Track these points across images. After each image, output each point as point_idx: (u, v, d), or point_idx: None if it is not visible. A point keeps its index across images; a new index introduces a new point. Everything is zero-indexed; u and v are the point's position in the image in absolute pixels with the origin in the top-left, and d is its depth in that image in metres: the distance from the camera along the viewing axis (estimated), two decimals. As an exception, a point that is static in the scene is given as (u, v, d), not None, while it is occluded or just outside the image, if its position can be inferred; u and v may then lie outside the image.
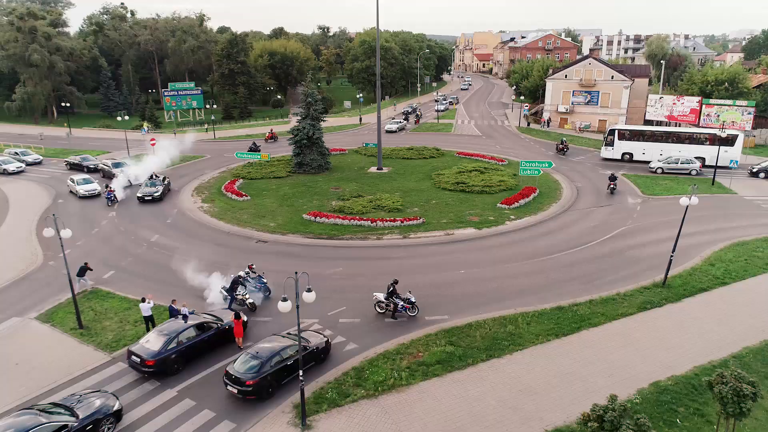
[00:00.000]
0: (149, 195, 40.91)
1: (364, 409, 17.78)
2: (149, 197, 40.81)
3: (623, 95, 71.07)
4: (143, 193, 40.91)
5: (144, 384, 19.37)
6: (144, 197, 40.70)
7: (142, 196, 40.77)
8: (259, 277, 25.39)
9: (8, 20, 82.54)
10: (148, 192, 41.07)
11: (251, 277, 25.23)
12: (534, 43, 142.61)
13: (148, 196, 40.85)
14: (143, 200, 40.65)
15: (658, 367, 19.70)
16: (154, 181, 42.26)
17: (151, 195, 40.96)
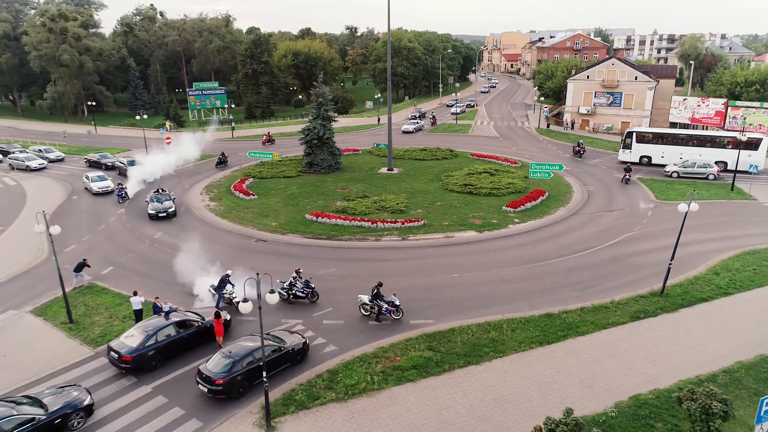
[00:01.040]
0: (163, 211, 37.30)
1: (331, 412, 17.64)
2: (163, 213, 37.29)
3: (647, 96, 69.08)
4: (155, 210, 37.22)
5: (121, 380, 19.65)
6: (157, 214, 37.16)
7: (154, 213, 37.15)
8: (306, 282, 25.17)
9: (41, 21, 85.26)
10: (161, 209, 37.38)
11: (298, 282, 25.13)
12: (562, 42, 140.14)
13: (162, 212, 37.28)
14: (156, 217, 37.19)
15: (641, 380, 18.97)
16: (160, 195, 38.63)
17: (165, 211, 37.36)
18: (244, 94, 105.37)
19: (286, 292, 25.05)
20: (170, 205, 37.84)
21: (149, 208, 37.53)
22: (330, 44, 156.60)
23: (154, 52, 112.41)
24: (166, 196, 38.90)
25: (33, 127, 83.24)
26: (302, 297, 25.09)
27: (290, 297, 25.12)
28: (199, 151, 54.38)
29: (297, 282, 25.17)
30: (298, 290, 25.03)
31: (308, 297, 25.18)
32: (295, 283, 25.13)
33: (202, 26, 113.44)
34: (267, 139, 63.71)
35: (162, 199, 38.20)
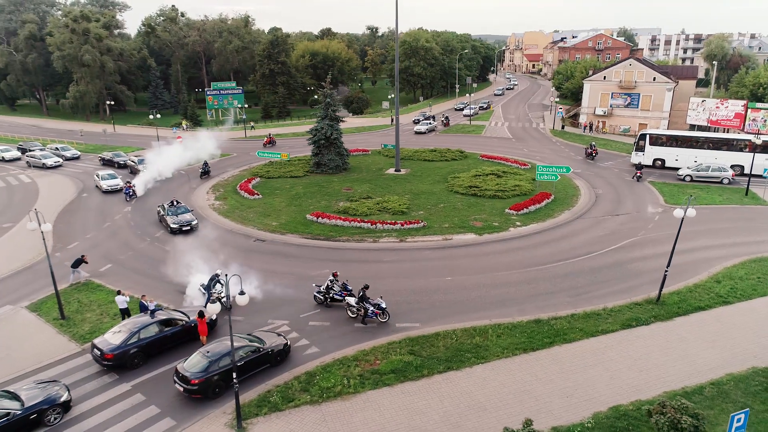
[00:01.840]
0: (186, 224, 34.47)
1: (304, 415, 17.57)
2: (186, 227, 34.42)
3: (665, 98, 67.47)
4: (177, 224, 34.25)
5: (103, 376, 19.90)
6: (181, 228, 34.22)
7: (177, 227, 34.13)
8: (344, 285, 24.77)
9: (64, 22, 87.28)
10: (183, 221, 34.57)
11: (336, 285, 24.69)
12: (583, 42, 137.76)
13: (185, 225, 34.42)
14: (180, 231, 34.27)
15: (624, 390, 18.45)
16: (176, 208, 35.86)
17: (188, 224, 34.60)
18: (261, 93, 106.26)
19: (323, 295, 24.65)
20: (191, 218, 35.25)
21: (170, 222, 34.45)
22: (350, 44, 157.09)
23: (175, 53, 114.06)
24: (183, 208, 36.15)
25: (55, 126, 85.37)
26: (339, 300, 24.63)
27: (327, 300, 24.73)
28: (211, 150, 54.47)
29: (334, 285, 24.66)
30: (336, 293, 24.56)
31: (345, 300, 24.54)
32: (332, 286, 24.61)
33: (222, 27, 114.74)
34: (268, 141, 63.99)
35: (179, 211, 35.47)
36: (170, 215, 35.15)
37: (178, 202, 36.89)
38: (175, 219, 34.78)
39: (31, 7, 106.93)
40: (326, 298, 24.73)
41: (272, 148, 61.47)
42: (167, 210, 35.71)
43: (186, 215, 35.44)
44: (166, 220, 34.92)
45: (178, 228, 34.26)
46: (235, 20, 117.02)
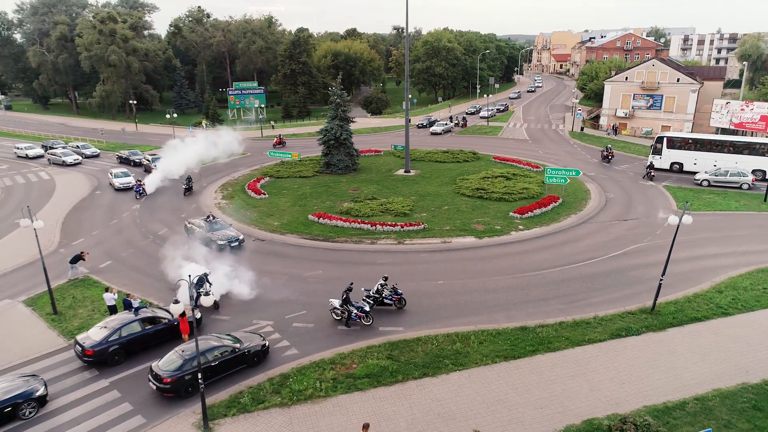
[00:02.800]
0: (234, 240, 32.05)
1: (271, 417, 17.51)
2: (235, 243, 32.03)
3: (690, 99, 65.43)
4: (226, 240, 31.76)
5: (84, 372, 20.22)
6: (229, 244, 31.74)
7: (225, 243, 31.64)
8: (394, 288, 24.54)
9: (91, 23, 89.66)
10: (232, 237, 32.11)
11: (386, 289, 24.41)
12: (611, 42, 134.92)
13: (234, 241, 31.99)
14: (228, 248, 31.60)
15: (601, 403, 17.82)
16: (214, 223, 33.25)
17: (236, 240, 32.17)
18: (283, 93, 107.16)
19: (373, 299, 24.16)
20: (237, 234, 32.77)
21: (216, 238, 31.67)
22: (376, 45, 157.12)
23: (201, 53, 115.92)
24: (221, 222, 33.81)
25: (81, 124, 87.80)
26: (389, 304, 24.39)
27: (375, 304, 24.26)
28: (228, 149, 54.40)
29: (384, 289, 24.36)
30: (386, 297, 24.27)
31: (395, 304, 24.42)
32: (383, 290, 24.32)
33: (246, 27, 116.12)
34: (278, 141, 64.35)
35: (217, 227, 32.88)
36: (214, 231, 32.29)
37: (214, 217, 34.23)
38: (221, 235, 32.00)
39: (63, 9, 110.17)
40: (376, 302, 24.23)
41: (282, 148, 61.83)
42: (207, 226, 32.69)
43: (228, 230, 32.89)
44: (210, 236, 31.81)
45: (226, 244, 31.51)
46: (259, 21, 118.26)
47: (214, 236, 32.01)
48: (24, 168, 54.83)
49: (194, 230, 33.19)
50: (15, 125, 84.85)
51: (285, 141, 65.59)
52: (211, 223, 33.19)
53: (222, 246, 31.47)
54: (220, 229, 32.85)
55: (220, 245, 31.49)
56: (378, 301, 24.37)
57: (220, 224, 33.55)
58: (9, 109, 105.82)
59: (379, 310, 24.28)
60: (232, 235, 32.39)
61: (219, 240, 31.73)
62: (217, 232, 32.39)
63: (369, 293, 24.55)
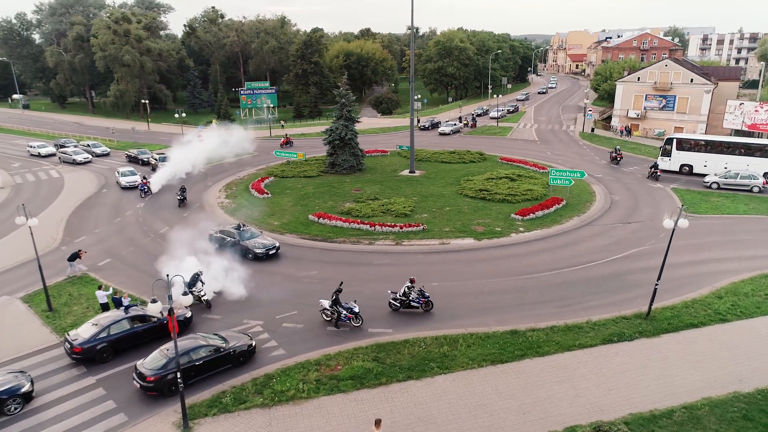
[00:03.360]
0: (272, 248, 30.95)
1: (252, 418, 17.48)
2: (273, 251, 31.01)
3: (703, 100, 64.20)
4: (264, 248, 30.64)
5: (72, 369, 20.41)
6: (267, 252, 30.63)
7: (263, 252, 30.53)
8: (421, 291, 24.28)
9: (106, 24, 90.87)
10: (270, 246, 30.99)
11: (413, 291, 24.14)
12: (627, 42, 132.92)
13: (272, 249, 30.92)
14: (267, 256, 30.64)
15: (586, 410, 17.48)
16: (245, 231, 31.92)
17: (273, 248, 31.07)
18: (294, 93, 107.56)
19: (399, 301, 24.11)
20: (273, 241, 31.76)
21: (252, 247, 30.58)
22: (390, 45, 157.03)
23: (215, 53, 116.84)
24: (250, 231, 32.34)
25: (96, 123, 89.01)
26: (416, 306, 24.13)
27: (401, 307, 24.16)
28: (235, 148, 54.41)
29: (411, 291, 24.12)
30: (413, 300, 24.05)
31: (422, 307, 24.14)
32: (410, 292, 24.08)
33: (259, 27, 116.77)
34: (285, 141, 64.48)
35: (248, 235, 31.56)
36: (248, 240, 31.11)
37: (244, 225, 32.84)
38: (256, 243, 30.89)
39: (80, 10, 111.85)
40: (402, 304, 24.09)
41: (290, 148, 61.96)
42: (240, 235, 31.32)
43: (262, 238, 31.79)
44: (246, 245, 30.66)
45: (264, 253, 30.45)
46: (272, 21, 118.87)
47: (249, 245, 30.70)
48: (35, 166, 55.73)
49: (225, 240, 31.53)
50: (31, 124, 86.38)
51: (292, 141, 65.73)
52: (243, 232, 31.71)
53: (260, 255, 30.31)
54: (252, 237, 31.58)
55: (258, 254, 30.31)
56: (405, 303, 24.13)
57: (252, 232, 32.21)
58: (27, 108, 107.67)
59: (374, 311, 24.14)
60: (269, 243, 31.18)
61: (257, 249, 30.44)
62: (252, 241, 31.09)
63: (396, 295, 24.30)
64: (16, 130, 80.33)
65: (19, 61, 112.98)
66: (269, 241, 31.50)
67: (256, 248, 30.53)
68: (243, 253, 30.40)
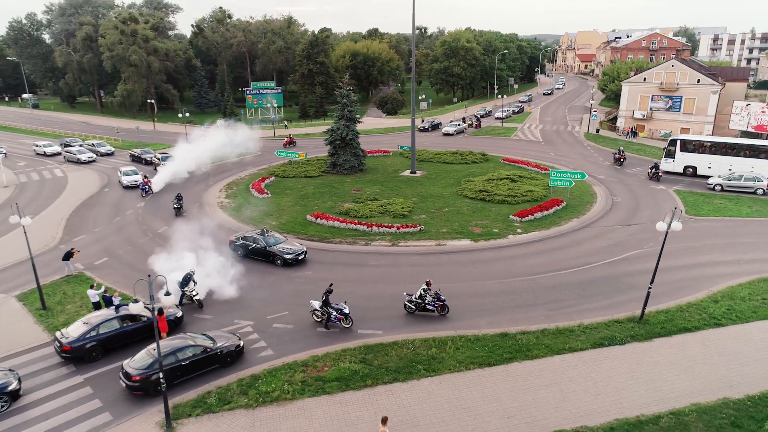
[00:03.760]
0: (300, 253, 30.21)
1: (235, 418, 17.47)
2: (302, 256, 30.26)
3: (710, 101, 63.41)
4: (293, 254, 29.91)
5: (61, 368, 20.53)
6: (297, 258, 29.89)
7: (293, 257, 29.75)
8: (437, 294, 23.94)
9: (113, 24, 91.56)
10: (298, 251, 30.27)
11: (428, 294, 23.76)
12: (636, 42, 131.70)
13: (300, 254, 30.16)
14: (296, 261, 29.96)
15: (571, 415, 17.29)
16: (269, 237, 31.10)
17: (302, 253, 30.36)
18: (300, 93, 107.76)
19: (414, 304, 23.87)
20: (301, 246, 31.12)
21: (281, 252, 29.82)
22: (398, 44, 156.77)
23: (222, 53, 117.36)
24: (276, 236, 31.56)
25: (102, 123, 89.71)
26: (432, 310, 23.84)
27: (417, 309, 23.93)
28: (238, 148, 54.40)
29: (427, 294, 23.82)
30: (429, 303, 23.74)
31: (438, 310, 23.83)
32: (425, 295, 23.79)
33: (266, 27, 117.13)
34: (288, 141, 64.54)
35: (272, 241, 30.72)
36: (275, 245, 30.37)
37: (268, 231, 31.97)
38: (284, 248, 30.22)
39: (89, 10, 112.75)
40: (418, 307, 23.82)
41: (293, 148, 62.03)
42: (266, 241, 30.51)
43: (289, 243, 31.13)
44: (273, 251, 29.99)
45: (293, 258, 29.81)
46: (279, 21, 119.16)
47: (276, 250, 30.02)
48: (40, 165, 56.25)
49: (249, 246, 30.77)
50: (40, 123, 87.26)
51: (296, 141, 65.81)
52: (268, 237, 30.99)
53: (290, 260, 29.68)
54: (278, 242, 30.84)
55: (288, 259, 29.65)
56: (420, 306, 23.85)
57: (276, 237, 31.49)
58: (36, 108, 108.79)
59: (366, 312, 24.06)
60: (297, 248, 30.54)
61: (286, 254, 29.73)
62: (279, 246, 30.42)
63: (411, 298, 24.03)
64: (25, 130, 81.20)
65: (29, 60, 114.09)
66: (297, 246, 30.86)
67: (285, 254, 29.77)
68: (270, 259, 29.95)
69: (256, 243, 30.72)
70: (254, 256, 30.43)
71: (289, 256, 29.81)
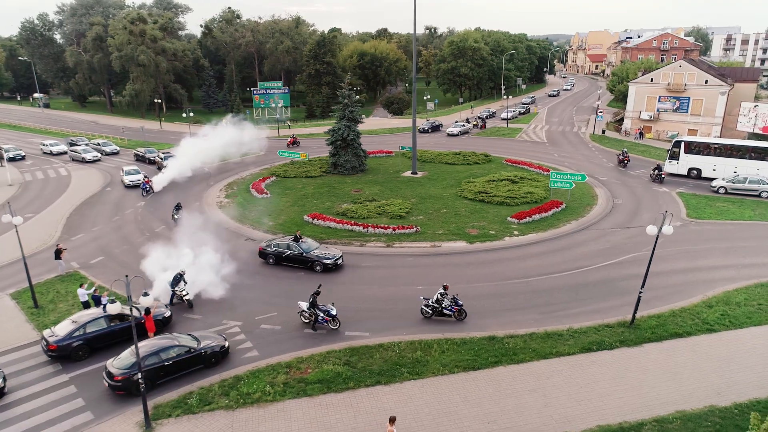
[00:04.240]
0: (339, 257, 29.66)
1: (214, 419, 17.45)
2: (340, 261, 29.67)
3: (718, 102, 62.50)
4: (333, 258, 29.34)
5: (48, 366, 20.65)
6: (336, 263, 29.26)
7: (332, 262, 29.09)
8: (454, 299, 23.53)
9: (122, 24, 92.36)
10: (336, 255, 29.66)
11: (446, 299, 23.56)
12: (647, 42, 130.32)
13: (339, 259, 29.60)
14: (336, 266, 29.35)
15: (553, 420, 17.05)
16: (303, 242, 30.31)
17: (341, 257, 29.88)
18: (307, 93, 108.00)
19: (431, 309, 23.52)
20: (338, 251, 30.29)
21: (319, 256, 29.18)
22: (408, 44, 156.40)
23: (230, 53, 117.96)
24: (310, 242, 30.78)
25: (110, 122, 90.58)
26: (449, 315, 23.48)
27: (434, 314, 23.61)
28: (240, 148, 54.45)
29: (444, 299, 23.42)
30: (446, 307, 23.40)
31: (455, 315, 23.45)
32: (442, 299, 23.40)
33: (274, 27, 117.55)
34: (291, 141, 64.61)
35: (309, 246, 30.07)
36: (311, 251, 29.60)
37: (301, 236, 31.02)
38: (322, 253, 29.54)
39: (100, 10, 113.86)
40: (435, 311, 23.50)
41: (296, 148, 62.10)
42: (301, 247, 29.69)
43: (324, 249, 30.41)
44: (311, 257, 29.27)
45: (333, 264, 29.13)
46: (287, 21, 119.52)
47: (314, 256, 29.36)
48: (46, 164, 56.85)
49: (283, 253, 29.92)
50: (50, 123, 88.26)
51: (299, 141, 65.88)
52: (302, 243, 30.28)
53: (330, 266, 29.05)
54: (313, 248, 30.11)
55: (328, 264, 29.01)
56: (437, 311, 23.53)
57: (310, 242, 30.78)
58: (47, 107, 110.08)
59: (355, 314, 23.97)
60: (336, 254, 29.88)
61: (325, 259, 29.10)
62: (317, 251, 29.79)
63: (428, 302, 23.69)
64: (33, 129, 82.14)
65: (41, 60, 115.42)
66: (334, 251, 30.24)
67: (325, 259, 29.13)
68: (308, 266, 29.29)
69: (290, 249, 29.86)
70: (288, 263, 29.63)
71: (329, 261, 29.04)
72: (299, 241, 30.28)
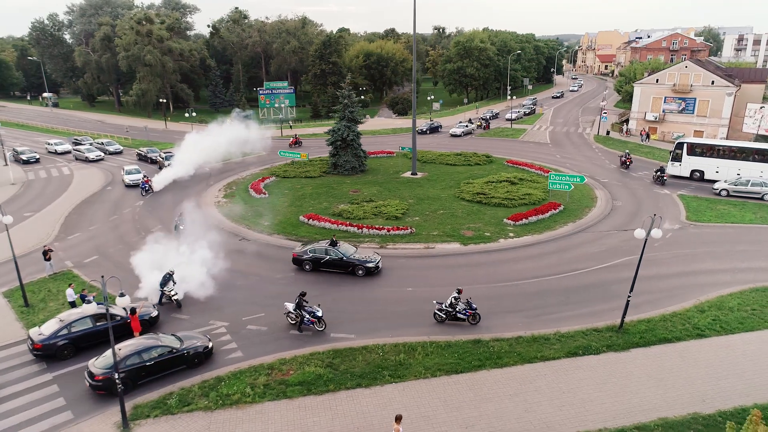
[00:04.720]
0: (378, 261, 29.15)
1: (192, 421, 17.44)
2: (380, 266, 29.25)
3: (725, 103, 61.70)
4: (374, 261, 28.79)
5: (33, 365, 20.77)
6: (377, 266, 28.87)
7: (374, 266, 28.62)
8: (468, 302, 23.21)
9: (129, 24, 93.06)
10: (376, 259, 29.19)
11: (460, 302, 23.18)
12: (656, 43, 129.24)
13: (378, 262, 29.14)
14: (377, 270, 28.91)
15: (532, 426, 16.84)
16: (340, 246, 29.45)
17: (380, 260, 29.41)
18: (313, 93, 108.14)
19: (445, 312, 23.22)
20: (377, 255, 29.73)
21: (364, 262, 28.59)
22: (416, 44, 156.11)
23: (237, 53, 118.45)
24: (346, 245, 30.05)
25: (116, 121, 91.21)
26: (463, 319, 23.15)
27: (447, 318, 23.26)
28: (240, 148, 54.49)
29: (458, 303, 23.19)
30: (460, 311, 23.08)
31: (469, 319, 23.13)
32: (456, 303, 23.16)
33: (281, 27, 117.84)
34: (294, 141, 64.65)
35: (344, 250, 29.25)
36: (351, 256, 28.95)
37: (337, 240, 30.16)
38: (362, 257, 28.94)
39: (108, 11, 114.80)
40: (448, 315, 23.16)
41: (298, 148, 62.13)
42: (339, 252, 28.97)
43: (363, 252, 29.83)
44: (352, 261, 28.70)
45: (374, 267, 28.59)
46: (294, 21, 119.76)
47: (356, 260, 28.71)
48: (50, 163, 57.34)
49: (322, 259, 29.15)
50: (57, 122, 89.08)
51: (301, 141, 65.92)
52: (339, 246, 29.51)
53: (372, 269, 28.49)
54: (350, 252, 29.37)
55: (370, 268, 28.43)
56: (451, 315, 23.23)
57: (347, 246, 29.99)
58: (56, 107, 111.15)
59: (342, 315, 23.88)
60: (375, 257, 29.30)
61: (367, 263, 28.52)
62: (358, 255, 29.16)
63: (441, 306, 23.42)
64: (41, 128, 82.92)
65: (51, 60, 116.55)
66: (372, 254, 29.69)
67: (367, 263, 28.53)
68: (349, 270, 28.77)
69: (329, 254, 29.15)
70: (327, 269, 29.04)
71: (371, 265, 28.45)
72: (336, 245, 29.54)
